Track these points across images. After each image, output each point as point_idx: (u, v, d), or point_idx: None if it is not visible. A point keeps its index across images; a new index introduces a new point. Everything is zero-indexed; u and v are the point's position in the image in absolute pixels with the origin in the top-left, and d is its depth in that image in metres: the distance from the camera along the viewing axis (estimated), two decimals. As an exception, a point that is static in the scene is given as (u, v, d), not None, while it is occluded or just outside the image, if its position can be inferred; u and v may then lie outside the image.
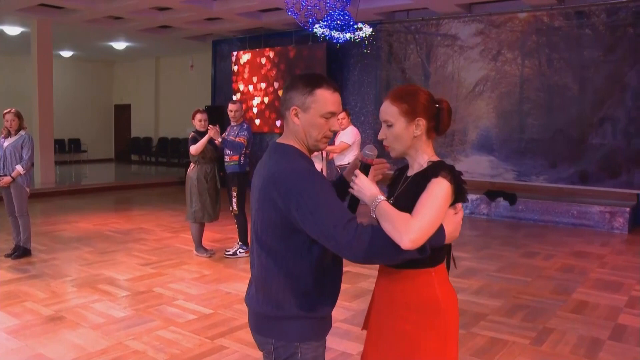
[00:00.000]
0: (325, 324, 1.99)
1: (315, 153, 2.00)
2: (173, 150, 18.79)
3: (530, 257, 6.96)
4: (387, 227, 1.73)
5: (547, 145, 9.87)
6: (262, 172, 1.92)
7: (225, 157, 6.61)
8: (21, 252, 6.56)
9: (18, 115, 6.42)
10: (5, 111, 6.42)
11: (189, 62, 17.42)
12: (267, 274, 1.92)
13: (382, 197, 1.81)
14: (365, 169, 1.94)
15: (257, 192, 1.92)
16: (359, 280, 5.75)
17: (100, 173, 17.37)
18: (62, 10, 11.89)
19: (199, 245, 6.83)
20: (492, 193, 9.96)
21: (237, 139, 6.41)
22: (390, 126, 1.96)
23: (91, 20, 12.34)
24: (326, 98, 1.92)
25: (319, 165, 6.88)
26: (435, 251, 1.87)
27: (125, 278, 5.81)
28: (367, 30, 9.00)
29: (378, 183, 1.98)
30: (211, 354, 3.95)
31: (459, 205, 1.91)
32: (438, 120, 1.97)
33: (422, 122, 1.93)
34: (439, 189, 1.82)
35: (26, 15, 11.89)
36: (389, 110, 1.95)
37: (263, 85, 13.55)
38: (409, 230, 1.70)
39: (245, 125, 6.59)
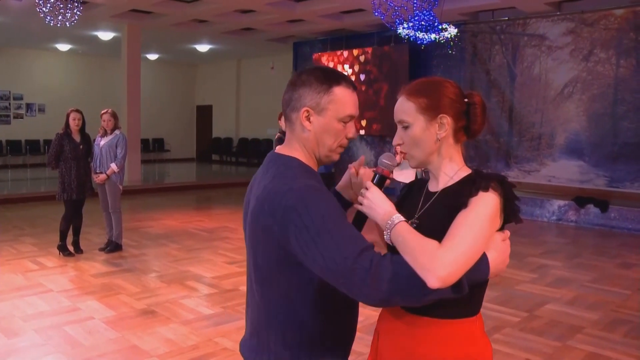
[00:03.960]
0: None
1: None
2: (253, 151, 19.09)
3: (627, 269, 6.57)
4: (408, 259, 1.35)
5: (644, 150, 9.30)
6: (255, 191, 1.56)
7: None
8: (113, 246, 6.84)
9: (114, 116, 6.70)
10: (102, 111, 6.73)
11: (270, 63, 17.68)
12: (261, 317, 1.58)
13: (399, 218, 1.43)
14: (380, 181, 1.57)
15: (250, 215, 1.56)
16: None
17: (182, 172, 17.94)
18: (151, 15, 12.37)
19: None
20: (581, 199, 9.51)
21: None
22: (406, 127, 1.57)
23: (177, 23, 12.77)
24: (346, 98, 1.57)
25: (411, 175, 6.77)
26: (476, 291, 1.46)
27: (212, 276, 5.93)
28: (452, 30, 8.82)
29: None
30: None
31: (507, 231, 1.50)
32: (469, 119, 1.56)
33: (447, 120, 1.53)
34: (484, 206, 1.41)
35: (118, 21, 12.46)
36: (404, 108, 1.56)
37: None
38: (436, 265, 1.30)
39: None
